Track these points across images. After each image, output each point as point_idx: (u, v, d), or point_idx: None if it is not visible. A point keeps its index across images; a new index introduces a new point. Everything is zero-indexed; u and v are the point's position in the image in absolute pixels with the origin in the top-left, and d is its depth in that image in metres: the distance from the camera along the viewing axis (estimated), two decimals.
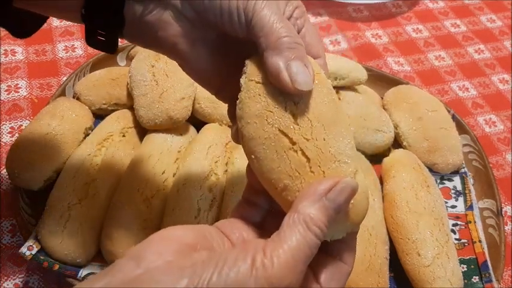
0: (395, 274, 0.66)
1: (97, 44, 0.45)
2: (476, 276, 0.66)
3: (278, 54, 0.37)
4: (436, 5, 1.10)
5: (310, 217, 0.33)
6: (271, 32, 0.37)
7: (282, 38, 0.37)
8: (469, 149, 0.79)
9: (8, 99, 0.80)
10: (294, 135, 0.36)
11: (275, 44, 0.37)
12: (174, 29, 0.42)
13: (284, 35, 0.37)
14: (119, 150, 0.70)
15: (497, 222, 0.71)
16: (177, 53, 0.44)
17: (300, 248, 0.32)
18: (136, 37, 0.45)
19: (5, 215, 0.68)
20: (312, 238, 0.33)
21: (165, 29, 0.42)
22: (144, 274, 0.31)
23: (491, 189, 0.75)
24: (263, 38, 0.38)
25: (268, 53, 0.37)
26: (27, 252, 0.60)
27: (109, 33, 0.44)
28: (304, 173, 0.36)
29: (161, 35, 0.43)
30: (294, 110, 0.36)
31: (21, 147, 0.67)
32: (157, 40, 0.43)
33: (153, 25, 0.42)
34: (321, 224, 0.33)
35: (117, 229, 0.62)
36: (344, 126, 0.37)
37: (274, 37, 0.37)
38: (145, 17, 0.42)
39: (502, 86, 0.95)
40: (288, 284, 0.31)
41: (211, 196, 0.65)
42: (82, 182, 0.64)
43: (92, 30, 0.44)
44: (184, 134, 0.73)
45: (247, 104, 0.37)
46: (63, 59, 0.87)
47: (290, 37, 0.37)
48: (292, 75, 0.36)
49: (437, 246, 0.63)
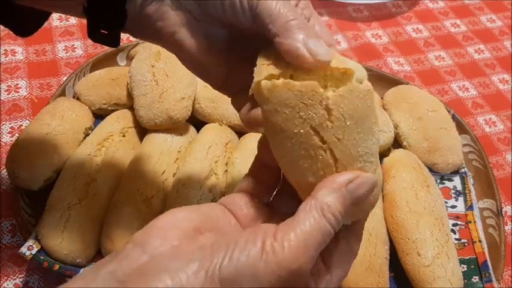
0: (395, 274, 0.66)
1: (100, 39, 0.45)
2: (476, 276, 0.66)
3: (291, 36, 0.36)
4: (436, 5, 1.10)
5: (328, 205, 0.33)
6: (279, 16, 0.37)
7: (290, 21, 0.36)
8: (469, 149, 0.79)
9: (8, 99, 0.80)
10: (326, 134, 0.35)
11: (285, 27, 0.36)
12: (172, 18, 0.42)
13: (291, 17, 0.37)
14: (119, 150, 0.70)
15: (497, 222, 0.71)
16: (176, 43, 0.43)
17: (312, 234, 0.32)
18: (137, 30, 0.44)
19: (5, 215, 0.68)
20: (326, 225, 0.32)
21: (164, 18, 0.42)
22: (151, 261, 0.31)
23: (491, 189, 0.75)
24: (271, 25, 0.37)
25: (280, 37, 0.36)
26: (27, 252, 0.60)
27: (111, 27, 0.44)
28: (329, 172, 0.35)
29: (160, 25, 0.42)
30: (329, 102, 0.35)
31: (21, 147, 0.67)
32: (156, 31, 0.43)
33: (152, 16, 0.42)
34: (337, 213, 0.33)
35: (117, 229, 0.62)
36: (374, 120, 0.36)
37: (283, 21, 0.37)
38: (145, 7, 0.42)
39: (502, 86, 0.95)
40: (297, 268, 0.31)
41: (211, 196, 0.65)
42: (82, 182, 0.64)
43: (94, 24, 0.44)
44: (184, 134, 0.73)
45: (278, 89, 0.35)
46: (63, 59, 0.87)
47: (298, 20, 0.37)
48: (311, 50, 0.35)
49: (437, 246, 0.63)
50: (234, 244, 0.31)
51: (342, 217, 0.33)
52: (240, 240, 0.31)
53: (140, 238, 0.33)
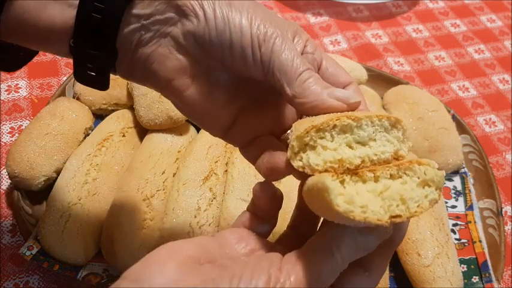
0: (395, 274, 0.66)
1: (87, 80, 0.40)
2: (476, 276, 0.66)
3: (314, 91, 0.36)
4: (436, 5, 1.10)
5: (337, 246, 0.32)
6: (295, 76, 0.36)
7: (307, 79, 0.36)
8: (469, 149, 0.79)
9: (8, 99, 0.80)
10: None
11: (303, 87, 0.36)
12: (171, 62, 0.38)
13: (307, 75, 0.36)
14: (119, 150, 0.70)
15: (497, 222, 0.71)
16: (172, 90, 0.39)
17: (319, 272, 0.31)
18: (128, 71, 0.40)
19: (5, 215, 0.68)
20: (332, 265, 0.32)
21: (161, 62, 0.38)
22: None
23: (491, 189, 0.75)
24: (286, 85, 0.36)
25: (300, 98, 0.36)
26: (27, 252, 0.60)
27: (100, 67, 0.39)
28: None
29: (155, 69, 0.39)
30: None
31: (21, 147, 0.67)
32: (151, 74, 0.39)
33: (147, 58, 0.38)
34: (346, 256, 0.33)
35: (117, 229, 0.62)
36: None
37: (299, 81, 0.36)
38: (140, 48, 0.38)
39: (502, 86, 0.95)
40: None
41: (211, 196, 0.65)
42: (82, 182, 0.64)
43: (81, 64, 0.39)
44: (184, 134, 0.73)
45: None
46: (63, 59, 0.87)
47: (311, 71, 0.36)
48: (340, 97, 0.36)
49: (437, 246, 0.63)
50: (238, 279, 0.30)
51: (348, 258, 0.33)
52: (244, 275, 0.31)
53: (136, 274, 0.31)
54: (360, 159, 0.34)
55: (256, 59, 0.36)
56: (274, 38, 0.36)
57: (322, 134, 0.34)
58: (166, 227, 0.62)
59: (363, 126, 0.35)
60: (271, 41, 0.36)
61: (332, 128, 0.34)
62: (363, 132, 0.35)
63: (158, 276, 0.30)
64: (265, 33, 0.36)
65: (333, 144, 0.34)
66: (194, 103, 0.40)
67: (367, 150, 0.35)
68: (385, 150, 0.36)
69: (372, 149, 0.35)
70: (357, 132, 0.35)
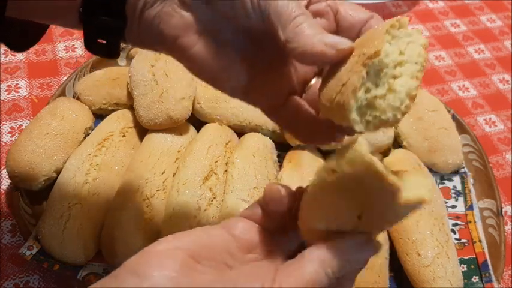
0: (395, 274, 0.66)
1: (98, 49, 0.42)
2: (476, 276, 0.66)
3: (303, 37, 0.35)
4: (436, 5, 1.10)
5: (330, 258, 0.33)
6: (287, 15, 0.35)
7: (301, 24, 0.35)
8: (469, 149, 0.79)
9: (8, 99, 0.80)
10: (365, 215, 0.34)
11: (295, 31, 0.35)
12: (176, 20, 0.39)
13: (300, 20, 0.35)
14: (119, 150, 0.70)
15: (497, 222, 0.71)
16: (179, 49, 0.40)
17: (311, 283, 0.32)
18: (137, 37, 0.41)
19: (5, 215, 0.68)
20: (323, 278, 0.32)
21: (167, 21, 0.39)
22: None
23: (491, 189, 0.75)
24: (280, 28, 0.35)
25: (291, 43, 0.35)
26: (27, 252, 0.60)
27: (110, 36, 0.41)
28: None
29: (162, 28, 0.39)
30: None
31: (21, 147, 0.67)
32: (159, 36, 0.40)
33: (153, 19, 0.39)
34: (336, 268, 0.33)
35: (117, 229, 0.62)
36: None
37: (292, 25, 0.35)
38: (147, 11, 0.39)
39: (502, 86, 0.95)
40: None
41: (211, 196, 0.65)
42: (82, 182, 0.64)
43: (91, 33, 0.41)
44: (184, 134, 0.73)
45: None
46: (63, 59, 0.87)
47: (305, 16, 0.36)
48: (329, 43, 0.34)
49: (437, 246, 0.63)
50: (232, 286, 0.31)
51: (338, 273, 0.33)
52: (238, 283, 0.31)
53: (136, 266, 0.31)
54: (416, 80, 0.34)
55: (255, 5, 0.36)
56: None
57: (366, 86, 0.33)
58: (166, 227, 0.62)
59: (387, 51, 0.33)
60: None
61: (367, 76, 0.33)
62: (392, 56, 0.33)
63: (158, 272, 0.30)
64: None
65: (383, 88, 0.33)
66: (203, 61, 0.40)
67: (409, 67, 0.34)
68: (418, 51, 0.34)
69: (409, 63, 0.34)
70: (386, 60, 0.33)
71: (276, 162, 0.73)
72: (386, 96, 0.33)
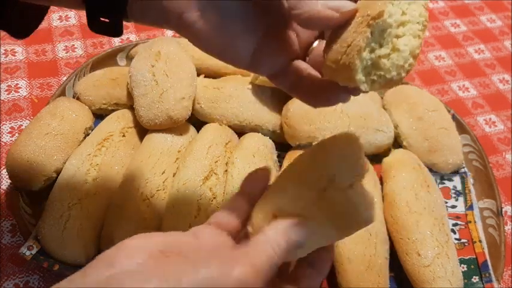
0: (395, 274, 0.66)
1: (100, 27, 0.41)
2: (476, 276, 0.66)
3: (308, 2, 0.35)
4: (436, 5, 1.10)
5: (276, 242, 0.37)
6: None
7: None
8: (469, 149, 0.79)
9: (8, 99, 0.80)
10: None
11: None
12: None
13: None
14: (119, 150, 0.70)
15: (497, 222, 0.71)
16: (185, 24, 0.39)
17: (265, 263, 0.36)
18: (140, 14, 0.41)
19: (5, 215, 0.68)
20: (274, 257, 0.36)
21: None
22: (114, 276, 0.32)
23: (491, 189, 0.75)
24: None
25: (295, 9, 0.35)
26: (27, 252, 0.60)
27: (112, 13, 0.40)
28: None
29: (165, 5, 0.39)
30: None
31: (21, 147, 0.67)
32: (163, 12, 0.39)
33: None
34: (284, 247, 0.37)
35: (117, 229, 0.62)
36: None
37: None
38: None
39: (502, 86, 0.95)
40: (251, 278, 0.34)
41: (211, 196, 0.65)
42: (82, 181, 0.64)
43: (94, 11, 0.40)
44: (184, 134, 0.73)
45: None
46: (63, 59, 0.87)
47: None
48: (333, 6, 0.35)
49: (437, 246, 0.63)
50: (194, 261, 0.34)
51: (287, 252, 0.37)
52: (200, 258, 0.34)
53: (107, 256, 0.34)
54: (418, 39, 0.35)
55: None
56: None
57: (371, 46, 0.34)
58: (166, 227, 0.62)
59: (390, 12, 0.34)
60: None
61: (371, 37, 0.34)
62: (395, 16, 0.34)
63: (126, 260, 0.33)
64: None
65: (387, 48, 0.34)
66: (208, 36, 0.40)
67: (411, 27, 0.35)
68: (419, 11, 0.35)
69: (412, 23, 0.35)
70: (390, 20, 0.34)
71: (276, 162, 0.73)
72: (390, 56, 0.34)
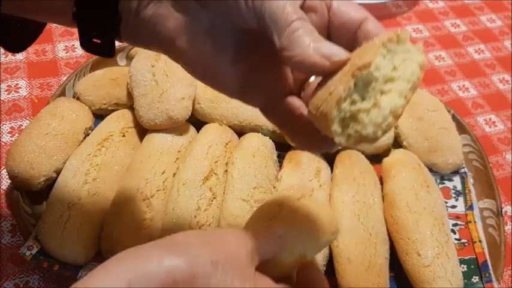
0: (395, 274, 0.66)
1: (93, 48, 0.41)
2: (476, 276, 0.66)
3: (298, 45, 0.34)
4: (436, 5, 1.10)
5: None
6: (285, 26, 0.34)
7: (297, 30, 0.34)
8: (469, 149, 0.79)
9: (8, 99, 0.80)
10: None
11: (290, 39, 0.34)
12: (171, 22, 0.38)
13: (297, 25, 0.34)
14: (119, 150, 0.70)
15: (497, 222, 0.71)
16: (176, 50, 0.40)
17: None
18: (133, 37, 0.41)
19: (5, 215, 0.68)
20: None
21: (162, 23, 0.38)
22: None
23: (491, 189, 0.75)
24: (276, 34, 0.34)
25: (287, 51, 0.34)
26: (27, 252, 0.60)
27: (104, 34, 0.40)
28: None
29: (158, 30, 0.39)
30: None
31: (21, 147, 0.67)
32: (155, 37, 0.39)
33: (149, 20, 0.39)
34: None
35: (117, 229, 0.62)
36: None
37: (288, 31, 0.34)
38: (142, 11, 0.38)
39: (502, 86, 0.95)
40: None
41: (211, 196, 0.65)
42: (82, 182, 0.64)
43: (86, 32, 0.40)
44: (184, 134, 0.73)
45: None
46: (63, 59, 0.87)
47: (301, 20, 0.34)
48: (325, 54, 0.33)
49: (437, 246, 0.63)
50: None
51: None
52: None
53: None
54: (404, 99, 0.33)
55: (249, 6, 0.35)
56: None
57: (352, 98, 0.32)
58: (166, 227, 0.62)
59: (379, 65, 0.32)
60: None
61: (355, 88, 0.32)
62: (383, 71, 0.32)
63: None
64: None
65: (369, 103, 0.32)
66: (199, 63, 0.40)
67: (399, 84, 0.33)
68: (412, 69, 0.33)
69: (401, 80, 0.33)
70: (376, 73, 0.32)
71: (276, 162, 0.73)
72: (370, 111, 0.32)
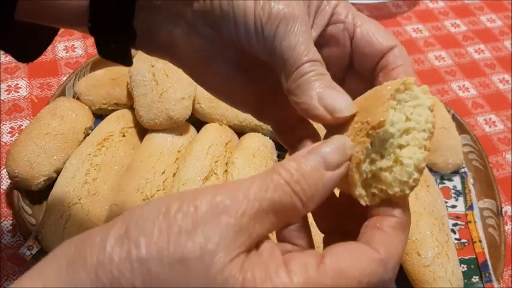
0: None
1: (111, 57, 0.41)
2: (476, 276, 0.66)
3: (304, 93, 0.32)
4: (436, 5, 1.10)
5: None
6: (294, 67, 0.32)
7: (306, 74, 0.32)
8: (469, 149, 0.79)
9: (8, 99, 0.80)
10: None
11: (297, 83, 0.33)
12: (185, 46, 0.38)
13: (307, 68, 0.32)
14: (119, 150, 0.70)
15: (497, 222, 0.71)
16: (191, 71, 0.40)
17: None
18: (151, 50, 0.41)
19: (5, 215, 0.68)
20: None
21: (177, 45, 0.38)
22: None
23: (491, 189, 0.75)
24: (283, 76, 0.33)
25: (293, 96, 0.33)
26: (27, 252, 0.60)
27: (120, 46, 0.40)
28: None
29: (173, 51, 0.39)
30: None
31: (21, 147, 0.67)
32: (169, 56, 0.40)
33: (165, 40, 0.38)
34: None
35: None
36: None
37: (297, 74, 0.33)
38: (156, 30, 0.38)
39: (502, 86, 0.95)
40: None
41: None
42: (82, 181, 0.64)
43: (102, 43, 0.40)
44: (184, 134, 0.73)
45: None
46: (63, 59, 0.87)
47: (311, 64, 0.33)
48: (328, 106, 0.32)
49: (437, 246, 0.63)
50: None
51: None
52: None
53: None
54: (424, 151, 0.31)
55: (260, 41, 0.33)
56: (279, 20, 0.33)
57: (371, 157, 0.31)
58: None
59: (392, 119, 0.31)
60: (275, 23, 0.33)
61: (372, 147, 0.31)
62: (397, 125, 0.31)
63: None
64: (270, 13, 0.33)
65: (389, 160, 0.31)
66: (213, 85, 0.40)
67: (417, 136, 0.31)
68: (426, 117, 0.32)
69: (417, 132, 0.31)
70: (392, 130, 0.31)
71: (276, 162, 0.73)
72: (393, 169, 0.31)
